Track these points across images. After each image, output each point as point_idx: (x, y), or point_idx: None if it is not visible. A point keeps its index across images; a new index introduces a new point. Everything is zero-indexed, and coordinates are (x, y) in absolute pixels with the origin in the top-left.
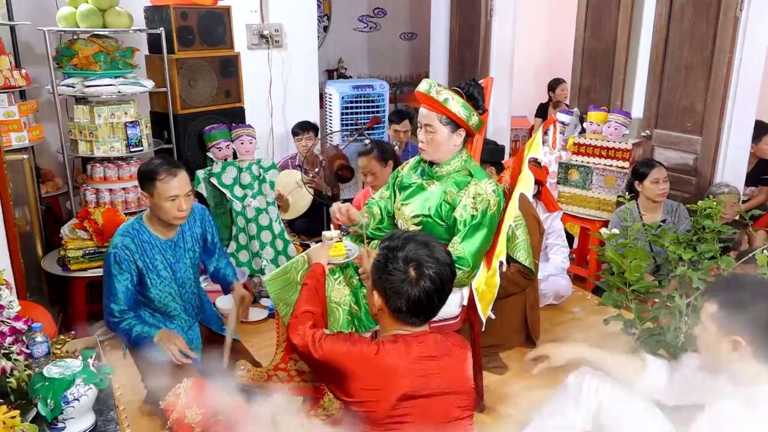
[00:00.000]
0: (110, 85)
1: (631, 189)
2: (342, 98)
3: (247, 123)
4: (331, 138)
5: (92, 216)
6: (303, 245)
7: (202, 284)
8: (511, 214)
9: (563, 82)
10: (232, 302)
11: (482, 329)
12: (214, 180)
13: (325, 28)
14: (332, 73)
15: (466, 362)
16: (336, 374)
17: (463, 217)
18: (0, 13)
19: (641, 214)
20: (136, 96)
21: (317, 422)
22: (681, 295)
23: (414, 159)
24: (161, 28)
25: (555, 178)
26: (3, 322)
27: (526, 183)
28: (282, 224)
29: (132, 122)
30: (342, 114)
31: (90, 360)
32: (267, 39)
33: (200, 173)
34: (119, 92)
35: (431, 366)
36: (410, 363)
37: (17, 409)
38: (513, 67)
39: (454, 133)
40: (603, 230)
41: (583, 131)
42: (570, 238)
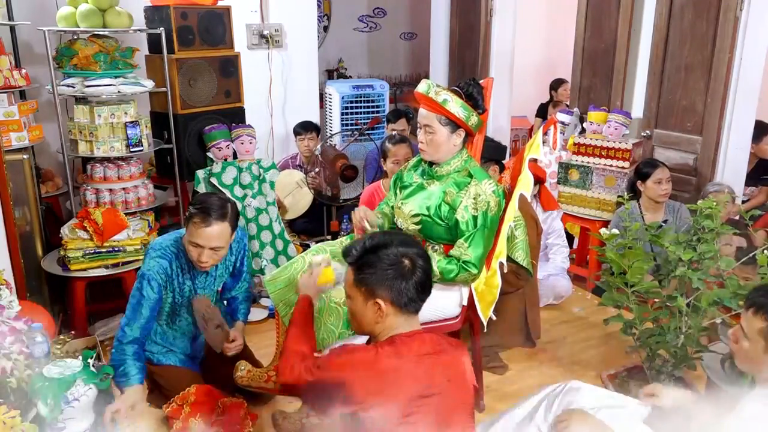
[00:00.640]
0: (110, 85)
1: (633, 189)
2: (342, 98)
3: (247, 123)
4: (332, 140)
5: (92, 216)
6: (303, 245)
7: None
8: (511, 215)
9: (565, 82)
10: (231, 332)
11: (483, 330)
12: (214, 180)
13: (325, 28)
14: (332, 73)
15: (464, 360)
16: (339, 388)
17: (465, 218)
18: (0, 13)
19: (643, 214)
20: (136, 96)
21: (317, 422)
22: (681, 295)
23: (414, 159)
24: (161, 28)
25: (555, 178)
26: (3, 322)
27: (526, 183)
28: (282, 224)
29: (132, 122)
30: (342, 114)
31: (90, 360)
32: (267, 39)
33: (200, 173)
34: (119, 92)
35: (431, 363)
36: (411, 362)
37: (17, 409)
38: (513, 67)
39: (454, 134)
40: (603, 230)
41: (583, 131)
42: (570, 238)
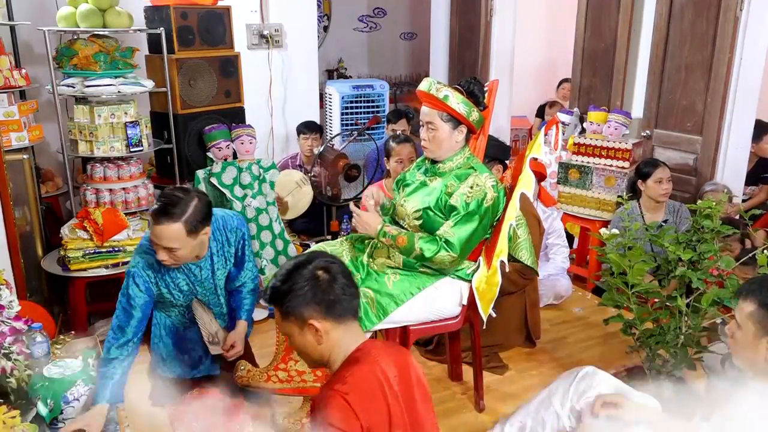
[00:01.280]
0: (110, 85)
1: (633, 188)
2: (342, 98)
3: (247, 123)
4: (332, 142)
5: (92, 216)
6: (303, 245)
7: None
8: (512, 214)
9: (566, 82)
10: (230, 335)
11: (483, 328)
12: (214, 180)
13: (325, 28)
14: (332, 73)
15: (408, 357)
16: None
17: (458, 203)
18: (0, 13)
19: (643, 214)
20: (136, 96)
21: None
22: (681, 295)
23: (418, 160)
24: (161, 28)
25: (555, 178)
26: (3, 322)
27: (527, 183)
28: (282, 224)
29: (132, 122)
30: (342, 114)
31: (90, 360)
32: (267, 39)
33: (200, 173)
34: (119, 92)
35: (388, 366)
36: (374, 377)
37: (17, 409)
38: (513, 67)
39: (456, 130)
40: (603, 230)
41: (583, 131)
42: (570, 238)
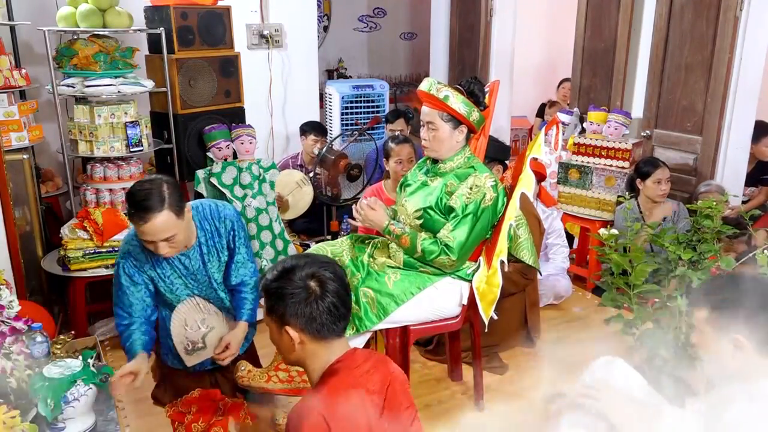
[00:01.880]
0: (110, 85)
1: (632, 186)
2: (342, 98)
3: (247, 123)
4: (332, 143)
5: (92, 216)
6: (303, 245)
7: None
8: (512, 214)
9: (566, 81)
10: (225, 337)
11: (484, 329)
12: (214, 180)
13: (325, 28)
14: (332, 73)
15: (389, 362)
16: None
17: (458, 205)
18: (0, 13)
19: (642, 213)
20: (136, 96)
21: None
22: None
23: (420, 161)
24: (161, 28)
25: (555, 178)
26: (3, 322)
27: (527, 183)
28: (282, 224)
29: (132, 122)
30: (342, 114)
31: (90, 360)
32: (267, 39)
33: (200, 173)
34: (119, 92)
35: (372, 373)
36: (358, 384)
37: (17, 409)
38: (513, 67)
39: (456, 130)
40: (603, 231)
41: (583, 131)
42: (570, 238)
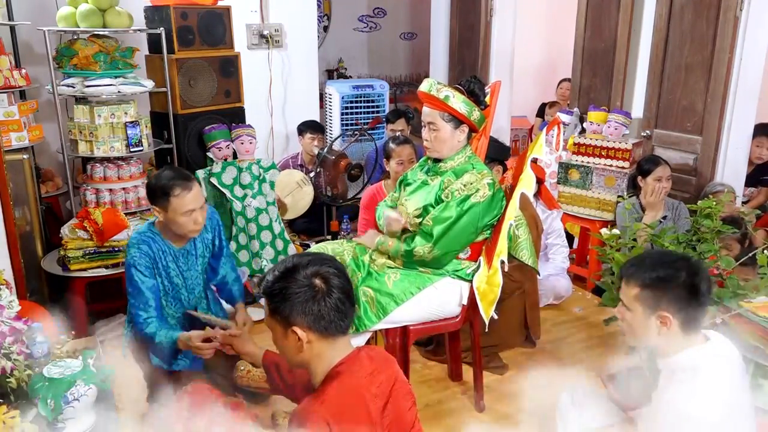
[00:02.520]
0: (110, 85)
1: (634, 184)
2: (342, 98)
3: (247, 123)
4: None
5: (92, 216)
6: (303, 245)
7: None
8: (512, 214)
9: (565, 81)
10: (238, 315)
11: (484, 329)
12: (214, 180)
13: (325, 28)
14: (332, 73)
15: (394, 363)
16: None
17: (448, 198)
18: (0, 13)
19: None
20: (136, 96)
21: None
22: None
23: (421, 160)
24: (161, 28)
25: (555, 178)
26: (3, 322)
27: (528, 183)
28: (282, 224)
29: (132, 122)
30: (342, 114)
31: (90, 360)
32: (267, 39)
33: (200, 173)
34: (119, 92)
35: (377, 376)
36: (362, 387)
37: (17, 409)
38: (513, 67)
39: (457, 129)
40: (603, 230)
41: (583, 131)
42: (570, 238)
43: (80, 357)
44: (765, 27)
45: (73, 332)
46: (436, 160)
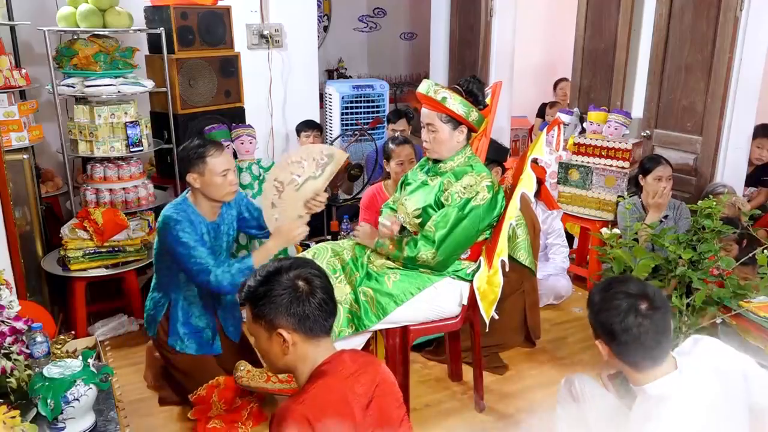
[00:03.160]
0: (110, 85)
1: (636, 184)
2: (342, 98)
3: (247, 123)
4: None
5: (92, 216)
6: (303, 245)
7: None
8: (512, 214)
9: (563, 81)
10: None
11: (484, 329)
12: None
13: (325, 28)
14: (332, 73)
15: (380, 363)
16: None
17: (448, 201)
18: (0, 13)
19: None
20: (136, 96)
21: None
22: (680, 295)
23: (422, 160)
24: (161, 28)
25: (555, 178)
26: (3, 322)
27: (528, 183)
28: None
29: (132, 122)
30: (342, 114)
31: (90, 360)
32: (267, 39)
33: None
34: (119, 92)
35: (360, 375)
36: (345, 387)
37: (17, 409)
38: (513, 67)
39: (456, 130)
40: (604, 230)
41: (583, 131)
42: (570, 238)
43: (80, 357)
44: (765, 27)
45: (73, 332)
46: (436, 161)
